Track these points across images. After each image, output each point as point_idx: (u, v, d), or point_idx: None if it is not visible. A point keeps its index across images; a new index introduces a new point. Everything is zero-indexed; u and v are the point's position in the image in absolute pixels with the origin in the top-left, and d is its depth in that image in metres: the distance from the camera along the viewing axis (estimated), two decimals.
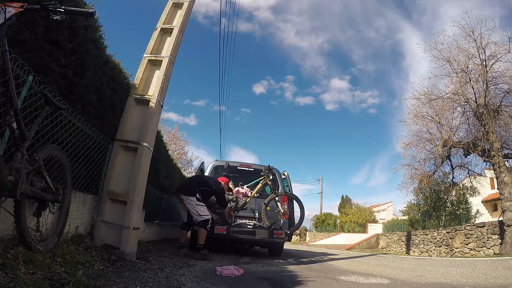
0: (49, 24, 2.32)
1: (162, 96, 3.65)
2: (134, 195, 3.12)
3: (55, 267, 1.79)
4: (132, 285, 1.92)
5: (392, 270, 3.81)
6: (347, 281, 2.86)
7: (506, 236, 7.49)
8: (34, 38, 2.20)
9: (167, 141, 14.64)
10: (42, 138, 2.31)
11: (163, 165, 6.48)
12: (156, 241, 5.69)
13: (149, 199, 5.35)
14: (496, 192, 11.66)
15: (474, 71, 8.23)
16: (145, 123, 3.39)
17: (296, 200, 5.15)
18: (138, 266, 2.70)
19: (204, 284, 2.30)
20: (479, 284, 2.71)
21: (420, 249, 12.00)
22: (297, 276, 3.16)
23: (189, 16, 4.28)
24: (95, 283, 1.72)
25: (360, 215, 29.74)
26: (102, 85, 3.30)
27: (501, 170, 7.90)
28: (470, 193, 13.41)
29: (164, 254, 3.91)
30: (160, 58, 3.72)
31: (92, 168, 3.10)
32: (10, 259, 1.57)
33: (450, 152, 9.16)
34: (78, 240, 2.73)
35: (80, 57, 2.78)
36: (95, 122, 3.17)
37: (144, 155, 3.27)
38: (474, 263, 4.62)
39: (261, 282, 2.70)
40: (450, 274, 3.36)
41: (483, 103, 7.96)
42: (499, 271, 3.50)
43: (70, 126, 2.62)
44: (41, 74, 2.23)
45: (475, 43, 8.07)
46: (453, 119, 9.05)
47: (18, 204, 1.75)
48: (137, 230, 3.21)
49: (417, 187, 10.41)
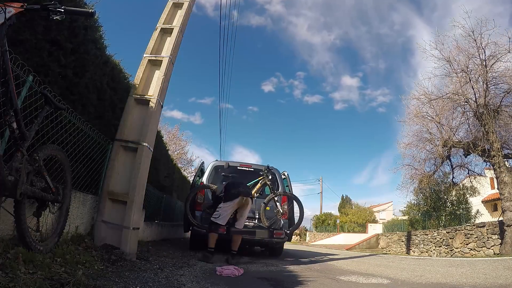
0: (49, 24, 2.32)
1: (162, 96, 3.65)
2: (134, 195, 3.12)
3: (55, 267, 1.79)
4: (132, 285, 1.92)
5: (392, 270, 3.81)
6: (347, 281, 2.86)
7: (506, 236, 7.49)
8: (34, 38, 2.20)
9: (167, 141, 14.64)
10: (42, 138, 2.31)
11: (163, 165, 6.48)
12: (156, 241, 5.69)
13: (149, 199, 5.35)
14: (496, 192, 11.66)
15: (474, 71, 8.23)
16: (145, 123, 3.39)
17: (295, 200, 5.15)
18: (138, 266, 2.70)
19: (204, 284, 2.30)
20: (479, 284, 2.71)
21: (420, 249, 12.00)
22: (297, 276, 3.16)
23: (189, 16, 4.28)
24: (95, 283, 1.72)
25: (360, 215, 29.75)
26: (102, 85, 3.31)
27: (501, 170, 7.90)
28: (470, 193, 13.41)
29: (164, 254, 3.90)
30: (160, 58, 3.72)
31: (92, 168, 3.11)
32: (10, 259, 1.57)
33: (450, 152, 9.16)
34: (78, 240, 2.73)
35: (80, 57, 2.78)
36: (95, 122, 3.18)
37: (144, 155, 3.27)
38: (474, 263, 4.62)
39: (261, 282, 2.70)
40: (450, 274, 3.36)
41: (483, 103, 7.96)
42: (499, 271, 3.50)
43: (70, 126, 2.63)
44: (41, 74, 2.24)
45: (475, 43, 8.07)
46: (453, 119, 9.06)
47: (18, 204, 1.75)
48: (137, 230, 3.21)
49: (417, 187, 10.41)
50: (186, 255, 4.38)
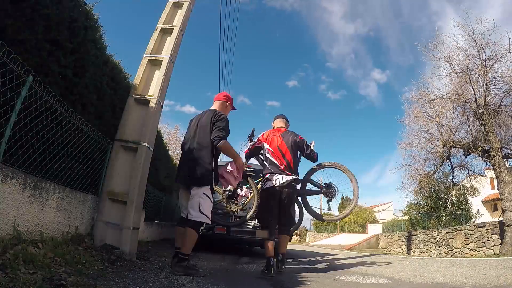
0: (49, 24, 2.32)
1: (162, 96, 3.65)
2: (134, 195, 3.12)
3: (55, 267, 1.79)
4: (132, 285, 1.92)
5: (392, 270, 3.81)
6: (347, 281, 2.86)
7: (506, 236, 7.49)
8: (34, 38, 2.20)
9: (167, 141, 14.64)
10: (42, 138, 2.31)
11: (163, 165, 6.49)
12: (156, 241, 5.69)
13: (149, 199, 5.35)
14: (496, 192, 11.66)
15: (474, 71, 8.23)
16: (145, 123, 3.39)
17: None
18: (138, 266, 2.70)
19: (204, 284, 2.30)
20: (479, 284, 2.71)
21: (420, 249, 11.99)
22: (297, 276, 3.16)
23: (189, 16, 4.28)
24: (95, 283, 1.72)
25: (360, 215, 29.71)
26: (102, 85, 3.31)
27: (501, 170, 7.90)
28: (470, 193, 13.40)
29: (164, 254, 3.90)
30: (160, 58, 3.72)
31: (92, 168, 3.11)
32: (10, 259, 1.57)
33: (450, 152, 9.16)
34: (78, 240, 2.73)
35: (80, 57, 2.78)
36: (95, 122, 3.18)
37: (144, 155, 3.27)
38: (474, 263, 4.61)
39: (261, 282, 2.70)
40: (450, 274, 3.36)
41: (483, 103, 7.95)
42: (499, 271, 3.50)
43: (70, 126, 2.63)
44: (41, 74, 2.24)
45: (475, 43, 8.08)
46: (453, 119, 9.05)
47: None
48: (137, 230, 3.21)
49: (417, 187, 10.41)
50: None
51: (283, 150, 3.32)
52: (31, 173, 2.22)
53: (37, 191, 2.23)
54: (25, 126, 2.11)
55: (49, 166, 2.42)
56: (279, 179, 3.19)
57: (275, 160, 3.29)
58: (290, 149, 3.32)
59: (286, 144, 3.33)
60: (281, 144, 3.34)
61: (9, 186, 1.95)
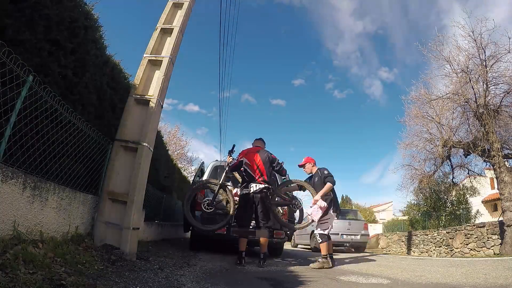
0: (49, 24, 2.32)
1: (162, 96, 3.65)
2: (134, 195, 3.12)
3: (55, 267, 1.79)
4: (132, 285, 1.92)
5: (392, 270, 3.81)
6: (347, 281, 2.86)
7: (506, 236, 7.49)
8: (34, 38, 2.20)
9: (167, 141, 14.64)
10: (42, 138, 2.31)
11: (163, 165, 6.49)
12: (156, 241, 5.69)
13: (149, 199, 5.35)
14: (496, 192, 11.66)
15: (474, 71, 8.23)
16: (145, 123, 3.39)
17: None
18: (138, 266, 2.70)
19: (204, 284, 2.30)
20: (479, 284, 2.71)
21: (420, 249, 11.99)
22: (298, 276, 3.16)
23: (189, 16, 4.28)
24: (95, 283, 1.72)
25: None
26: (102, 85, 3.31)
27: (501, 170, 7.90)
28: (470, 193, 13.40)
29: (164, 254, 3.90)
30: (160, 58, 3.72)
31: (92, 168, 3.11)
32: (10, 259, 1.57)
33: (450, 152, 9.15)
34: (78, 240, 2.73)
35: (80, 57, 2.79)
36: (95, 122, 3.18)
37: (144, 155, 3.27)
38: (474, 263, 4.61)
39: (261, 282, 2.70)
40: (450, 274, 3.36)
41: (483, 103, 7.95)
42: (499, 271, 3.50)
43: (70, 126, 2.63)
44: (41, 74, 2.24)
45: (475, 43, 8.07)
46: (453, 119, 9.03)
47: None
48: (137, 230, 3.21)
49: (417, 187, 10.40)
50: (186, 255, 4.38)
51: (259, 165, 4.01)
52: (31, 173, 2.22)
53: (37, 191, 2.23)
54: (25, 126, 2.12)
55: (49, 166, 2.42)
56: (253, 187, 3.91)
57: (252, 172, 3.98)
58: (264, 164, 4.00)
59: (262, 160, 4.03)
60: (257, 160, 4.03)
61: (9, 186, 1.95)
